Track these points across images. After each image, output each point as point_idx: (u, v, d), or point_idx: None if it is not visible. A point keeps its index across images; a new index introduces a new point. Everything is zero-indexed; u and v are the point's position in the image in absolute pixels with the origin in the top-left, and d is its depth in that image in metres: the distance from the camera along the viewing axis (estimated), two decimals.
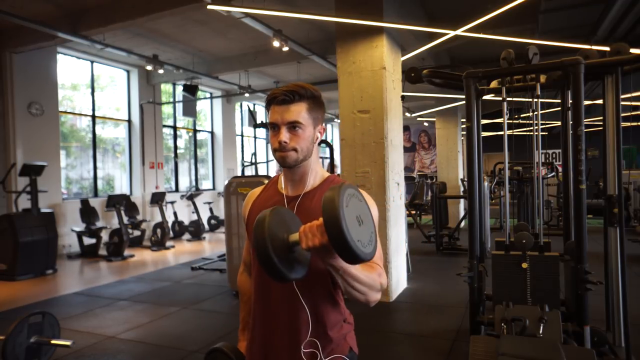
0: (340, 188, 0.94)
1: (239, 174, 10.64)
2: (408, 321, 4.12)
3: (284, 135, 1.15)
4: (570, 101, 2.74)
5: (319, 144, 1.29)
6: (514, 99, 3.09)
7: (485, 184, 6.20)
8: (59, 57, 7.99)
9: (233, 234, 5.09)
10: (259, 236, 0.95)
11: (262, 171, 11.79)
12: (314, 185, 1.25)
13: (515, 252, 2.88)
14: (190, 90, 8.69)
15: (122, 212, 7.81)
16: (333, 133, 18.42)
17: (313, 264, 1.18)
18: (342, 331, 1.26)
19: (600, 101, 3.03)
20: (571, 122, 2.73)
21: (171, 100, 10.82)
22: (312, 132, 1.19)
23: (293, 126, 1.15)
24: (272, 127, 1.18)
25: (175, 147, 11.08)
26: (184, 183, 11.38)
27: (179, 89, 10.27)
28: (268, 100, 1.19)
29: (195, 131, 11.69)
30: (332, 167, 5.44)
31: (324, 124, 1.25)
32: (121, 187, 9.70)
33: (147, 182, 9.70)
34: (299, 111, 1.15)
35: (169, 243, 8.68)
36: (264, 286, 1.24)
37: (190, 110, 10.11)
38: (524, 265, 2.82)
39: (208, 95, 11.71)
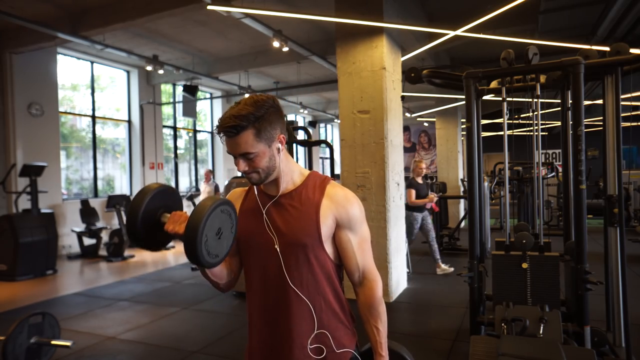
0: (218, 201, 1.06)
1: (239, 174, 10.64)
2: (408, 321, 4.12)
3: (242, 165, 1.18)
4: (570, 101, 2.75)
5: (317, 144, 1.31)
6: (514, 99, 3.09)
7: (485, 184, 6.20)
8: (59, 57, 7.99)
9: None
10: (134, 205, 1.11)
11: None
12: (296, 184, 1.26)
13: (515, 252, 2.88)
14: (190, 90, 8.68)
15: (122, 213, 7.80)
16: (333, 133, 18.42)
17: (314, 266, 1.19)
18: (349, 325, 1.28)
19: (600, 101, 3.03)
20: (571, 122, 2.73)
21: (171, 100, 10.82)
22: (268, 150, 1.18)
23: (247, 157, 1.17)
24: (232, 155, 1.20)
25: (175, 148, 11.08)
26: (184, 183, 11.38)
27: (179, 89, 10.27)
28: (217, 132, 1.19)
29: (195, 131, 11.69)
30: (332, 167, 5.43)
31: (283, 134, 1.21)
32: (121, 187, 9.70)
33: (147, 182, 9.68)
34: (246, 141, 1.14)
35: (169, 243, 8.65)
36: (259, 284, 1.24)
37: (190, 110, 10.10)
38: (524, 265, 2.82)
39: (208, 95, 11.72)
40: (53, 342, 2.77)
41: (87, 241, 7.74)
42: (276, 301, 1.21)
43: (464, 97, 2.97)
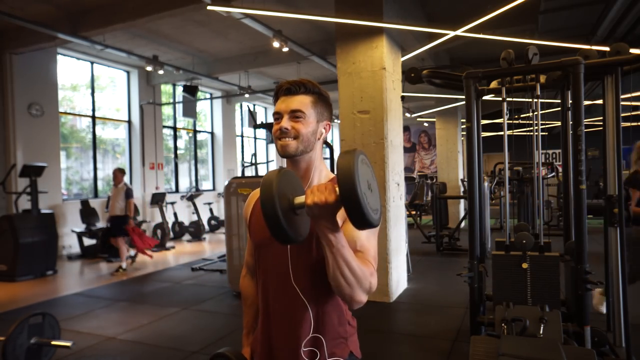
0: (354, 152, 0.92)
1: (239, 174, 10.64)
2: (408, 321, 4.12)
3: (286, 122, 1.16)
4: (570, 101, 2.74)
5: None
6: (514, 99, 3.09)
7: (486, 184, 6.20)
8: (59, 58, 7.99)
9: (233, 234, 5.09)
10: (267, 194, 0.92)
11: (262, 172, 11.79)
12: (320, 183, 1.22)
13: (515, 252, 2.88)
14: (190, 91, 8.68)
15: None
16: (333, 133, 18.42)
17: (317, 265, 1.18)
18: (344, 334, 1.25)
19: (600, 101, 3.03)
20: (571, 122, 2.73)
21: (171, 101, 10.82)
22: (316, 126, 1.20)
23: (296, 115, 1.16)
24: (276, 116, 1.19)
25: (175, 148, 11.08)
26: (184, 184, 11.38)
27: (179, 89, 10.28)
28: (275, 92, 1.22)
29: (195, 132, 11.69)
30: (332, 167, 5.43)
31: (329, 122, 1.25)
32: None
33: (147, 182, 9.70)
34: (303, 101, 1.18)
35: (169, 244, 8.67)
36: (267, 285, 1.24)
37: (190, 111, 10.10)
38: (524, 265, 2.81)
39: (208, 95, 11.71)
40: (53, 342, 2.77)
41: (87, 241, 7.74)
42: (280, 302, 1.21)
43: (464, 97, 2.97)
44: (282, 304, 1.21)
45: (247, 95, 10.61)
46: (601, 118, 2.93)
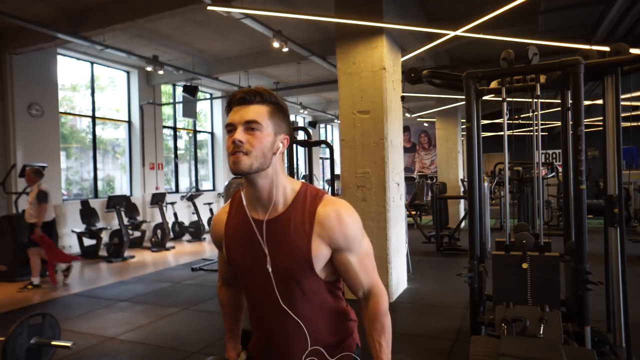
0: None
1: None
2: (408, 322, 4.12)
3: (240, 134, 1.06)
4: (570, 101, 2.74)
5: (317, 144, 1.29)
6: (514, 99, 3.09)
7: (486, 184, 6.19)
8: (59, 58, 7.99)
9: None
10: None
11: None
12: (286, 204, 1.15)
13: (515, 252, 2.88)
14: (190, 91, 8.68)
15: (122, 213, 7.81)
16: (333, 134, 18.42)
17: (307, 295, 1.17)
18: (347, 330, 1.27)
19: (600, 101, 3.03)
20: (571, 122, 2.73)
21: (171, 101, 10.82)
22: (273, 139, 1.10)
23: (251, 127, 1.07)
24: (229, 128, 1.10)
25: (176, 148, 11.08)
26: (184, 184, 11.38)
27: (179, 89, 10.27)
28: (228, 102, 1.14)
29: (195, 132, 11.69)
30: (332, 167, 5.43)
31: (288, 137, 1.15)
32: (121, 188, 9.69)
33: (147, 183, 9.70)
34: (259, 112, 1.09)
35: (169, 244, 8.67)
36: (256, 309, 1.23)
37: (190, 111, 10.10)
38: (524, 265, 2.81)
39: (208, 96, 11.71)
40: (53, 342, 2.76)
41: (87, 242, 7.74)
42: (272, 323, 1.20)
43: (464, 97, 2.97)
44: (274, 325, 1.20)
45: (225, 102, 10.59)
46: (601, 118, 2.93)
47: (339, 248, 1.15)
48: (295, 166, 5.92)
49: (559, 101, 3.46)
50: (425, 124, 15.92)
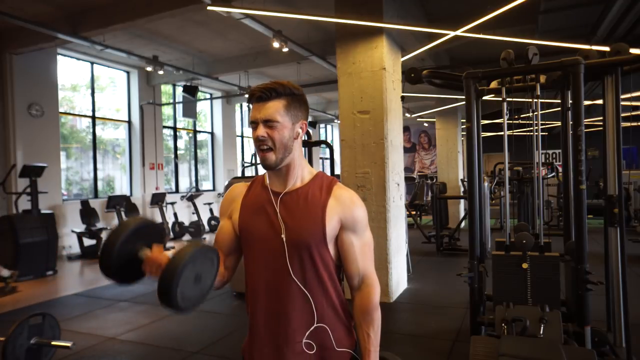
0: (198, 249, 1.09)
1: (239, 174, 10.64)
2: (408, 322, 4.12)
3: (261, 130, 1.18)
4: (570, 101, 2.74)
5: (317, 144, 1.32)
6: (514, 99, 3.09)
7: (486, 184, 6.19)
8: (59, 58, 7.99)
9: None
10: (112, 239, 1.10)
11: (262, 172, 11.78)
12: (303, 182, 1.27)
13: (515, 252, 2.88)
14: (190, 91, 8.68)
15: (123, 213, 7.81)
16: (333, 134, 18.42)
17: (318, 265, 1.20)
18: (348, 324, 1.28)
19: (600, 101, 3.03)
20: (571, 122, 2.73)
21: (171, 101, 10.82)
22: (291, 129, 1.21)
23: (269, 125, 1.18)
24: (253, 126, 1.21)
25: (176, 148, 11.08)
26: (184, 184, 11.38)
27: (179, 90, 10.27)
28: (248, 99, 1.24)
29: (195, 132, 11.69)
30: (332, 167, 5.42)
31: (305, 121, 1.27)
32: (121, 188, 9.70)
33: (147, 183, 9.70)
34: (276, 108, 1.18)
35: (169, 244, 8.67)
36: (260, 281, 1.25)
37: (190, 111, 10.11)
38: (525, 265, 2.81)
39: (208, 96, 11.71)
40: (53, 342, 2.77)
41: (87, 242, 7.74)
42: (278, 295, 1.21)
43: (464, 97, 2.97)
44: (280, 298, 1.21)
45: (247, 96, 10.59)
46: (601, 118, 2.93)
47: (346, 226, 1.23)
48: None
49: (559, 101, 3.46)
50: (425, 124, 15.92)
